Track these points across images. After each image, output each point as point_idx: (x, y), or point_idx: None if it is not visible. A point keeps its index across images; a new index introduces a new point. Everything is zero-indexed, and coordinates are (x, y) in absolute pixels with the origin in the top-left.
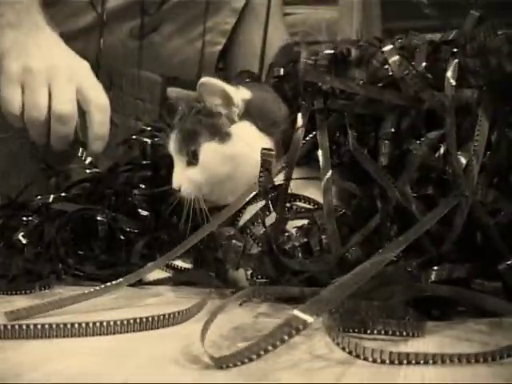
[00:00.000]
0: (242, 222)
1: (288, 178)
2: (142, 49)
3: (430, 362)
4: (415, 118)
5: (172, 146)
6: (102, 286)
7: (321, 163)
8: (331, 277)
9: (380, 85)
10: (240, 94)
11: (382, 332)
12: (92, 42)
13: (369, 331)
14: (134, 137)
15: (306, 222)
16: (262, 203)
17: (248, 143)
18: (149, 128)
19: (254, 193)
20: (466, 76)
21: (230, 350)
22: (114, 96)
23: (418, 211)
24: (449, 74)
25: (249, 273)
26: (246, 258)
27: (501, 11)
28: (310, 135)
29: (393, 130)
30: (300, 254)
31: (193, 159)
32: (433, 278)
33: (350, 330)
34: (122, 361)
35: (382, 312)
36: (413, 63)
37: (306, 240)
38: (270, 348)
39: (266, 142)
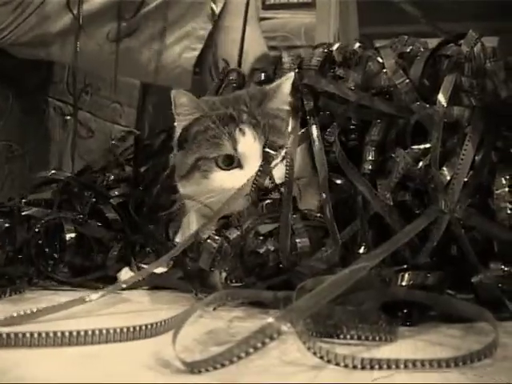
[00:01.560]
0: None
1: (290, 181)
2: (119, 52)
3: (402, 367)
4: (402, 128)
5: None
6: (100, 292)
7: (317, 162)
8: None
9: (373, 91)
10: None
11: (355, 337)
12: (69, 45)
13: (342, 336)
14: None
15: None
16: None
17: None
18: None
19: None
20: (459, 94)
21: (202, 355)
22: (91, 100)
23: (394, 221)
24: (441, 92)
25: (223, 276)
26: (221, 259)
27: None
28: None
29: (378, 135)
30: (274, 259)
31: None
32: (404, 283)
33: (324, 335)
34: (93, 365)
35: (355, 317)
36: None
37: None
38: (242, 355)
39: None
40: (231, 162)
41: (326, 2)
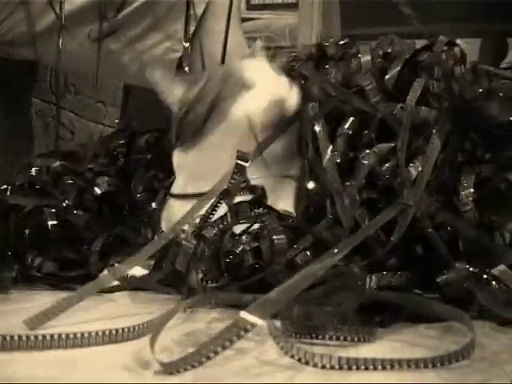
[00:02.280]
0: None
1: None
2: (101, 54)
3: (379, 367)
4: (373, 126)
5: None
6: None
7: (320, 141)
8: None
9: (354, 89)
10: None
11: (334, 338)
12: (51, 44)
13: (320, 337)
14: None
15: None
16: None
17: None
18: None
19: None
20: (427, 97)
21: (181, 356)
22: (75, 99)
23: (362, 218)
24: (410, 94)
25: (199, 277)
26: (197, 260)
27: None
28: None
29: (350, 132)
30: (250, 259)
31: None
32: (372, 284)
33: (302, 336)
34: (72, 367)
35: (333, 318)
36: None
37: (256, 244)
38: (219, 349)
39: None
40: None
41: (308, 3)
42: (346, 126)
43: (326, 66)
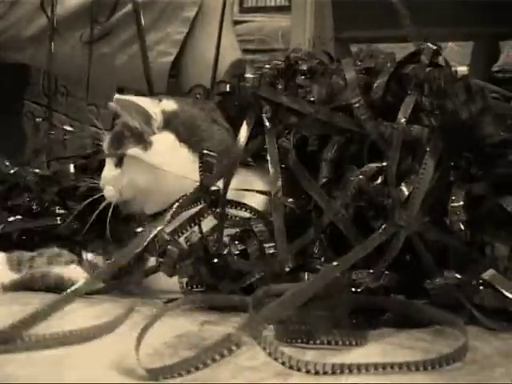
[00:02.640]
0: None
1: (226, 186)
2: (94, 58)
3: (372, 370)
4: (360, 144)
5: (105, 146)
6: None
7: (270, 173)
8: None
9: (335, 105)
10: (161, 107)
11: (325, 342)
12: (43, 48)
13: (312, 342)
14: None
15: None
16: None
17: (166, 155)
18: None
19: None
20: (419, 114)
21: (172, 358)
22: (68, 102)
23: (349, 231)
24: (400, 112)
25: (184, 281)
26: (182, 264)
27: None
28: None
29: (335, 152)
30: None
31: (119, 162)
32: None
33: (294, 341)
34: (57, 371)
35: (326, 322)
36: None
37: (243, 247)
38: (200, 366)
39: (189, 157)
40: None
41: (301, 5)
42: (330, 149)
43: (301, 83)
